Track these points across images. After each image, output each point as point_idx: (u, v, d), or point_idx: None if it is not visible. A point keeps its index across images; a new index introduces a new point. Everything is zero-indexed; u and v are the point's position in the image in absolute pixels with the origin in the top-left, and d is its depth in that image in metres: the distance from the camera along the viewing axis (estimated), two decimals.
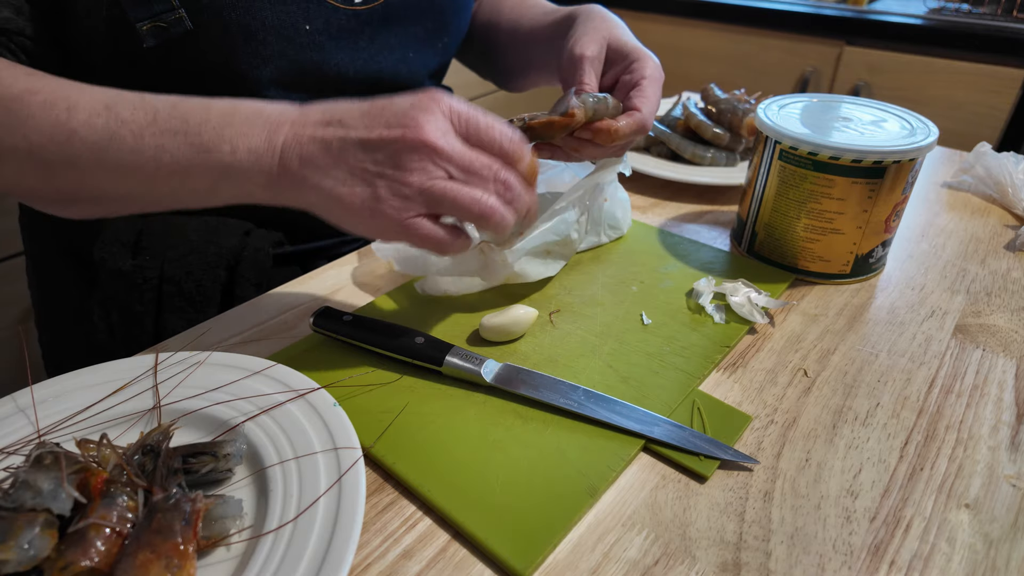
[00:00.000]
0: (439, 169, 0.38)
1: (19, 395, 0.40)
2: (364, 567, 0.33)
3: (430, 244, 0.39)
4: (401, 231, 0.39)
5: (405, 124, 0.37)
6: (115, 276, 0.61)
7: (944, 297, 0.54)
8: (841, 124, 0.55)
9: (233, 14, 0.50)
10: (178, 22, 0.48)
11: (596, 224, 0.60)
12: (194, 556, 0.29)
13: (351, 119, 0.39)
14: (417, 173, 0.37)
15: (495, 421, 0.41)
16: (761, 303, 0.50)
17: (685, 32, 1.77)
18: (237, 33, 0.51)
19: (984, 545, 0.34)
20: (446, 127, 0.38)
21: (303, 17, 0.53)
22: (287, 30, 0.53)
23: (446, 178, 0.38)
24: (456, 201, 0.38)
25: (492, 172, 0.39)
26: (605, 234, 0.61)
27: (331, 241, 0.66)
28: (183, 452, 0.34)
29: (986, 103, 1.39)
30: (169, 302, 0.61)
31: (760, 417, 0.42)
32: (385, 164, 0.38)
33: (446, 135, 0.38)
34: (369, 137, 0.38)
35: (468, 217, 0.39)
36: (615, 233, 0.62)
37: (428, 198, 0.38)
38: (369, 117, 0.38)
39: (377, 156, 0.38)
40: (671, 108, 0.83)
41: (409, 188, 0.38)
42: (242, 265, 0.60)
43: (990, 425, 0.41)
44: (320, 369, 0.45)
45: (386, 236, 0.39)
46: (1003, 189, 0.70)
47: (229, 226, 0.60)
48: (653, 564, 0.33)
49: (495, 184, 0.39)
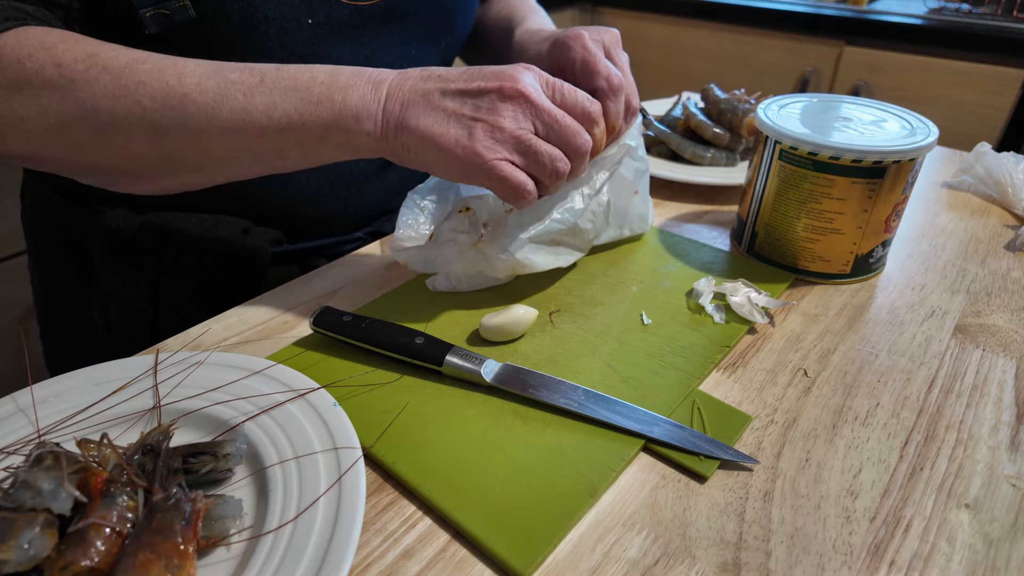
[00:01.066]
0: (529, 121, 0.43)
1: (19, 395, 0.40)
2: (364, 567, 0.33)
3: (511, 186, 0.43)
4: (487, 172, 0.42)
5: (502, 79, 0.42)
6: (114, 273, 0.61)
7: (944, 297, 0.54)
8: (841, 124, 0.55)
9: (236, 5, 0.50)
10: (181, 10, 0.49)
11: (622, 216, 0.59)
12: (194, 556, 0.29)
13: (449, 75, 0.43)
14: (510, 120, 0.42)
15: (495, 421, 0.41)
16: (761, 303, 0.50)
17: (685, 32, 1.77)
18: (239, 24, 0.51)
19: (984, 545, 0.34)
20: (538, 85, 0.43)
21: (305, 11, 0.53)
22: (289, 23, 0.53)
23: (533, 131, 0.43)
24: (539, 155, 0.43)
25: (574, 133, 0.43)
26: (629, 228, 0.60)
27: (331, 240, 0.66)
28: (183, 452, 0.34)
29: (986, 103, 1.39)
30: (167, 299, 0.61)
31: (760, 417, 0.42)
32: (482, 110, 0.42)
33: (539, 91, 0.43)
34: (468, 87, 0.42)
35: (543, 172, 0.43)
36: (641, 228, 0.61)
37: (517, 145, 0.42)
38: (468, 74, 0.43)
39: (476, 103, 0.42)
40: (671, 108, 0.83)
41: (502, 133, 0.42)
42: (240, 263, 0.60)
43: (990, 425, 0.41)
44: (320, 369, 0.45)
45: (471, 177, 0.43)
46: (1003, 189, 0.70)
47: (227, 224, 0.60)
48: (653, 564, 0.33)
49: (576, 142, 0.44)
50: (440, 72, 0.44)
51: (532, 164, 0.43)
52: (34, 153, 0.45)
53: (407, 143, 0.43)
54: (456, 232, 0.51)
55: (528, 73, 0.43)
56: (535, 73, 0.44)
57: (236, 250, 0.60)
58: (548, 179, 0.44)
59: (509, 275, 0.53)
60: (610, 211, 0.57)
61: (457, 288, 0.53)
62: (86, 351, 0.65)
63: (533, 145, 0.42)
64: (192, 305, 0.61)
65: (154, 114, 0.43)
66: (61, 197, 0.63)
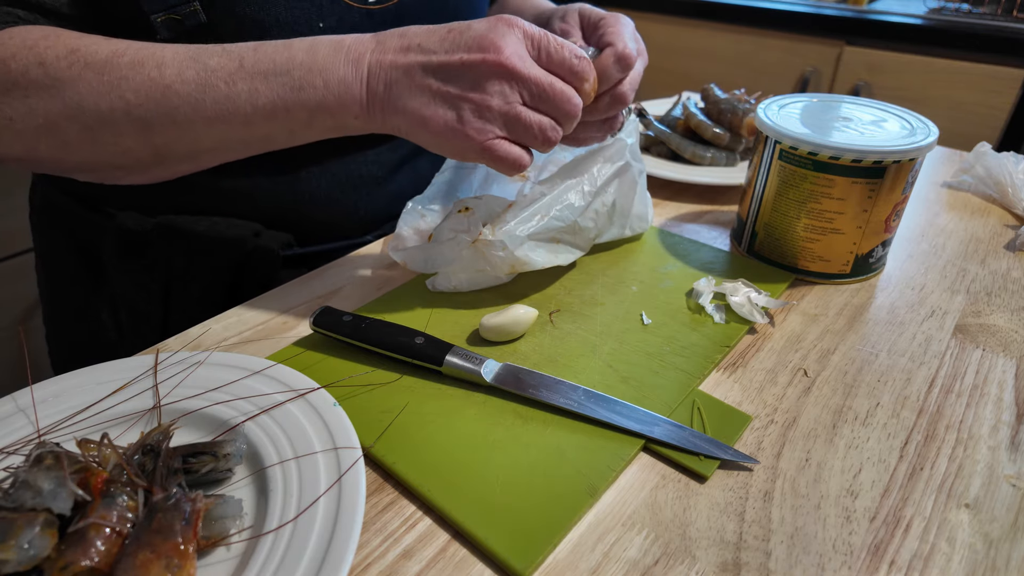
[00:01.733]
0: (516, 93, 0.41)
1: (19, 395, 0.40)
2: (364, 567, 0.33)
3: (507, 162, 0.42)
4: (482, 151, 0.42)
5: (484, 48, 0.40)
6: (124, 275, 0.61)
7: (944, 297, 0.54)
8: (841, 124, 0.55)
9: (247, 9, 0.50)
10: (192, 15, 0.49)
11: (623, 216, 0.59)
12: (194, 556, 0.29)
13: (430, 43, 0.41)
14: (497, 96, 0.41)
15: (495, 421, 0.41)
16: (761, 303, 0.50)
17: (685, 32, 1.77)
18: (251, 28, 0.51)
19: (984, 545, 0.34)
20: (523, 50, 0.41)
21: (316, 14, 0.53)
22: (300, 27, 0.53)
23: (521, 102, 0.41)
24: (530, 127, 0.42)
25: (563, 99, 0.42)
26: (630, 227, 0.60)
27: (341, 243, 0.66)
28: (183, 452, 0.34)
29: (986, 103, 1.39)
30: (177, 302, 0.61)
31: (760, 417, 0.42)
32: (467, 88, 0.40)
33: (523, 59, 0.41)
34: (450, 61, 0.41)
35: (535, 142, 0.43)
36: (641, 227, 0.61)
37: (507, 120, 0.41)
38: (448, 42, 0.41)
39: (460, 81, 0.41)
40: (671, 108, 0.83)
41: (490, 112, 0.41)
42: (251, 266, 0.60)
43: (990, 425, 0.41)
44: (320, 369, 0.45)
45: (466, 156, 0.43)
46: (1003, 189, 0.70)
47: (238, 227, 0.60)
48: (653, 564, 0.33)
49: (565, 108, 0.42)
50: (419, 39, 0.42)
51: (523, 135, 0.42)
52: (25, 153, 0.45)
53: (397, 125, 0.43)
54: (455, 232, 0.51)
55: (511, 35, 0.41)
56: (518, 32, 0.41)
57: (247, 253, 0.60)
58: (541, 147, 0.44)
59: (509, 274, 0.53)
60: (615, 212, 0.56)
61: (457, 288, 0.53)
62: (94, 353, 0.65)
63: (523, 118, 0.41)
64: (202, 307, 0.61)
65: (139, 108, 0.42)
66: (70, 199, 0.63)
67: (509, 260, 0.50)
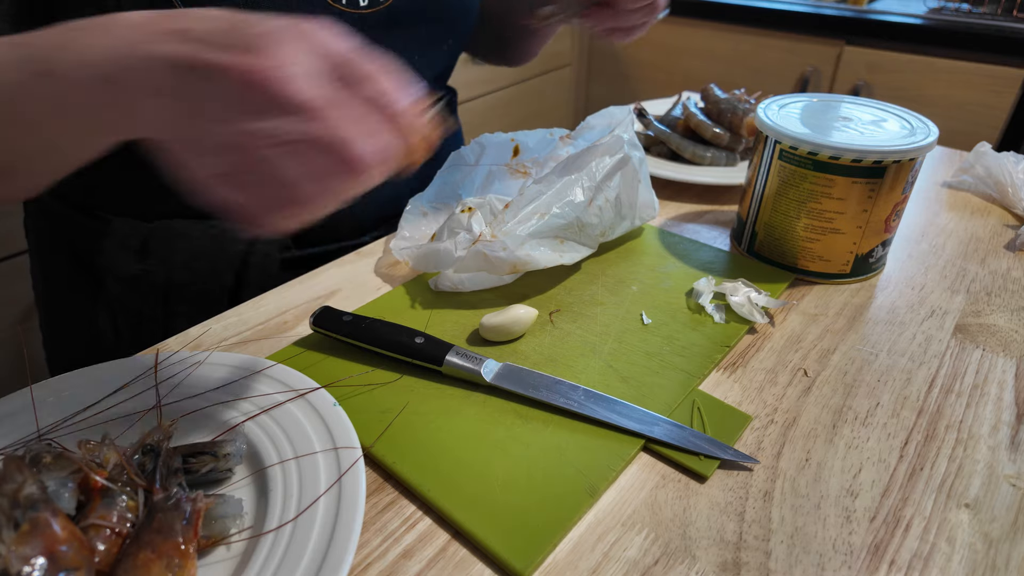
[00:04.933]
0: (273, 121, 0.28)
1: (19, 395, 0.40)
2: (364, 567, 0.33)
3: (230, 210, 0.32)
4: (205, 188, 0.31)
5: (248, 50, 0.28)
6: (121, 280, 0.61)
7: (944, 297, 0.54)
8: (841, 124, 0.55)
9: None
10: None
11: (631, 208, 0.58)
12: (195, 556, 0.29)
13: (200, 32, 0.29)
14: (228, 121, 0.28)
15: (495, 421, 0.41)
16: (761, 303, 0.50)
17: (685, 32, 1.77)
18: None
19: (984, 545, 0.34)
20: (310, 66, 0.29)
21: None
22: None
23: (275, 140, 0.28)
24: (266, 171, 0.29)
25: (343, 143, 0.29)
26: (639, 217, 0.60)
27: (338, 246, 0.66)
28: (183, 452, 0.34)
29: (986, 103, 1.39)
30: (176, 307, 0.61)
31: (760, 417, 0.42)
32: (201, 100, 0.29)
33: (302, 77, 0.28)
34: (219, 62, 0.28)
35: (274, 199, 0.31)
36: (650, 215, 0.60)
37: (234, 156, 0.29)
38: (220, 33, 0.29)
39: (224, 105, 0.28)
40: (671, 108, 0.83)
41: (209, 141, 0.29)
42: (249, 270, 0.60)
43: (990, 425, 0.41)
44: (320, 369, 0.45)
45: None
46: (1003, 189, 0.70)
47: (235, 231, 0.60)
48: (653, 564, 0.33)
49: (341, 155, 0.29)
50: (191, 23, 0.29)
51: (259, 180, 0.30)
52: None
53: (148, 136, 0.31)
54: (457, 231, 0.51)
55: (297, 44, 0.28)
56: (314, 42, 0.29)
57: (245, 257, 0.60)
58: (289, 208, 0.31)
59: (511, 273, 0.53)
60: (621, 206, 0.56)
61: (459, 287, 0.53)
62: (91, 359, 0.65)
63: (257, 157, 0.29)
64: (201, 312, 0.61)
65: None
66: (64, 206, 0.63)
67: (510, 260, 0.50)
